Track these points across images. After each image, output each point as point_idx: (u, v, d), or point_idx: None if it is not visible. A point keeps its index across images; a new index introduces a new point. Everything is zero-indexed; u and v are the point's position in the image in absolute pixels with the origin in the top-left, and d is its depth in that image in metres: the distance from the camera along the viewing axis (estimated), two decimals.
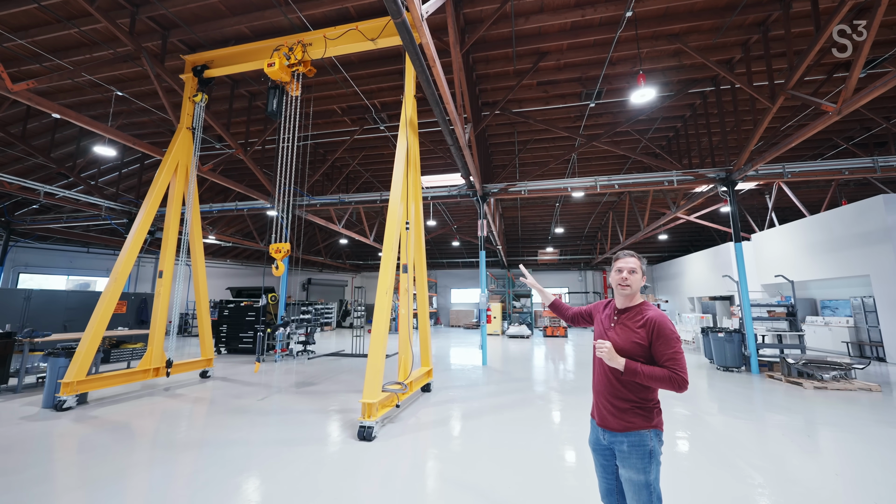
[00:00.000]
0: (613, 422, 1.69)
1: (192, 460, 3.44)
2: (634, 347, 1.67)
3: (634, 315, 1.74)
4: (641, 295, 1.83)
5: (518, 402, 5.52)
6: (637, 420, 1.66)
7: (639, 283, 1.78)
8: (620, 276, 1.79)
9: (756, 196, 15.37)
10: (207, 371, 6.98)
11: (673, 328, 1.64)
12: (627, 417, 1.66)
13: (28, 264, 14.60)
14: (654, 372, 1.59)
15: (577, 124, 10.19)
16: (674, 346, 1.61)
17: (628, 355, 1.67)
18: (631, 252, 1.82)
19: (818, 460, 3.52)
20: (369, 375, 4.04)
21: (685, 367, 1.59)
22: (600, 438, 1.76)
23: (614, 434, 1.69)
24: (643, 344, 1.66)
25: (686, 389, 1.58)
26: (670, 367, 1.58)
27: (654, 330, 1.64)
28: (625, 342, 1.69)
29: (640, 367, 1.61)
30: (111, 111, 9.00)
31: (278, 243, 5.71)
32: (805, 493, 2.90)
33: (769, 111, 6.76)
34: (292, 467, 3.28)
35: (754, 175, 8.39)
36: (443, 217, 18.84)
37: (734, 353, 7.77)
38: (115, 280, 5.46)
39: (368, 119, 9.83)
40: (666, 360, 1.60)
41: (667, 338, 1.62)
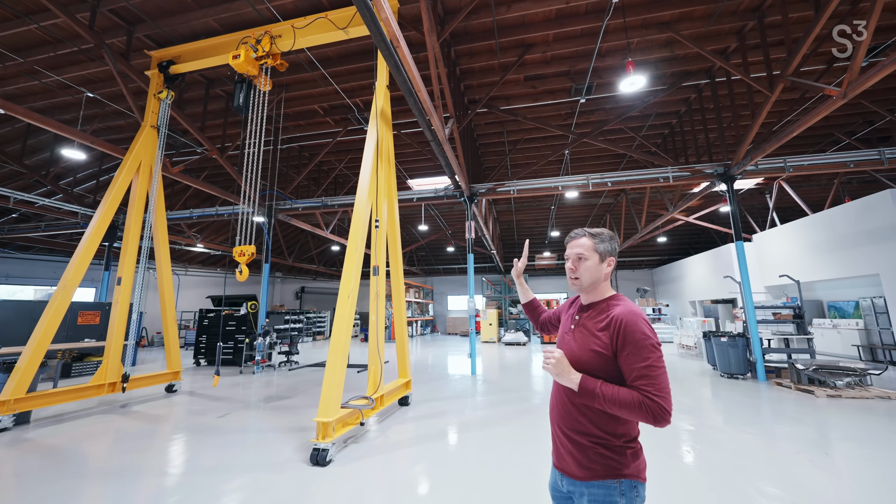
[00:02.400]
0: (572, 464, 1.21)
1: (105, 493, 2.97)
2: (593, 358, 1.18)
3: (598, 313, 1.27)
4: (612, 288, 1.36)
5: (506, 416, 5.03)
6: (600, 465, 1.16)
7: (594, 272, 1.29)
8: (568, 266, 1.34)
9: (756, 196, 14.97)
10: (174, 385, 6.52)
11: (648, 330, 1.15)
12: (588, 460, 1.17)
13: (9, 275, 14.20)
14: (618, 395, 1.10)
15: (568, 122, 9.83)
16: (647, 356, 1.10)
17: (586, 369, 1.19)
18: (583, 230, 1.35)
19: (838, 482, 3.04)
20: (326, 390, 3.58)
21: (666, 388, 1.08)
22: (559, 483, 1.28)
23: (573, 482, 1.21)
24: (605, 354, 1.17)
25: (667, 423, 1.07)
26: (642, 389, 1.08)
27: (619, 333, 1.15)
28: (581, 350, 1.22)
29: (601, 386, 1.13)
30: (81, 114, 8.66)
31: (242, 246, 5.30)
32: None
33: (768, 101, 6.38)
34: (219, 502, 2.81)
35: (754, 170, 7.98)
36: (436, 222, 18.46)
37: (739, 358, 7.27)
38: (64, 289, 5.04)
39: (352, 119, 9.49)
40: (636, 377, 1.10)
41: (637, 344, 1.12)
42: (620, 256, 22.29)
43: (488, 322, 16.72)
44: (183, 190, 13.42)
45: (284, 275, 24.76)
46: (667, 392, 1.08)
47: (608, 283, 1.34)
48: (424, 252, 24.21)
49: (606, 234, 1.34)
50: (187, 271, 19.13)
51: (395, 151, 11.10)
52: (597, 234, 1.33)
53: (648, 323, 1.17)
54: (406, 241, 21.62)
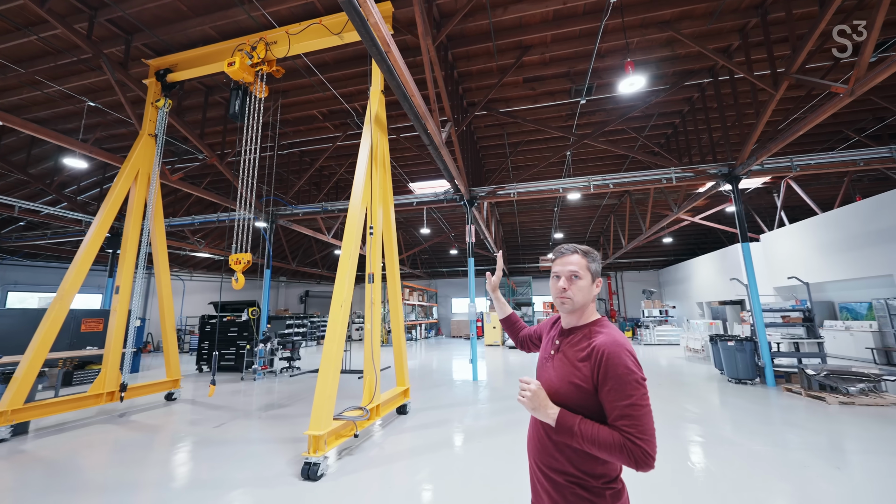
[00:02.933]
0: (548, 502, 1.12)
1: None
2: (572, 391, 1.09)
3: (580, 339, 1.16)
4: (597, 311, 1.26)
5: (508, 424, 4.92)
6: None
7: (587, 294, 1.19)
8: (558, 286, 1.22)
9: (763, 195, 14.70)
10: (173, 393, 6.50)
11: (632, 364, 1.04)
12: (564, 500, 1.07)
13: (17, 282, 14.39)
14: (598, 435, 1.00)
15: (569, 123, 9.72)
16: (630, 393, 1.00)
17: (564, 402, 1.09)
18: (573, 247, 1.25)
19: (852, 497, 2.89)
20: (318, 402, 3.51)
21: (650, 430, 0.98)
22: None
23: None
24: (585, 387, 1.07)
25: (650, 468, 0.96)
26: (624, 430, 0.98)
27: (600, 365, 1.05)
28: (560, 381, 1.12)
29: (580, 424, 1.03)
30: (83, 123, 8.74)
31: (238, 254, 5.26)
32: None
33: (772, 99, 6.22)
34: None
35: (760, 169, 7.81)
36: (439, 224, 18.39)
37: (746, 363, 7.09)
38: (62, 297, 5.04)
39: (350, 124, 9.47)
40: (618, 416, 1.00)
41: (619, 379, 1.02)
42: (626, 258, 22.04)
43: (492, 325, 16.59)
44: (186, 197, 13.50)
45: (288, 279, 24.85)
46: (650, 434, 0.98)
47: (594, 307, 1.24)
48: (428, 255, 24.15)
49: (595, 253, 1.25)
50: (192, 276, 19.26)
51: (395, 156, 11.06)
52: (587, 251, 1.24)
53: (633, 355, 1.07)
54: (409, 244, 21.57)
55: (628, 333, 18.23)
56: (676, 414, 5.26)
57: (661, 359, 11.13)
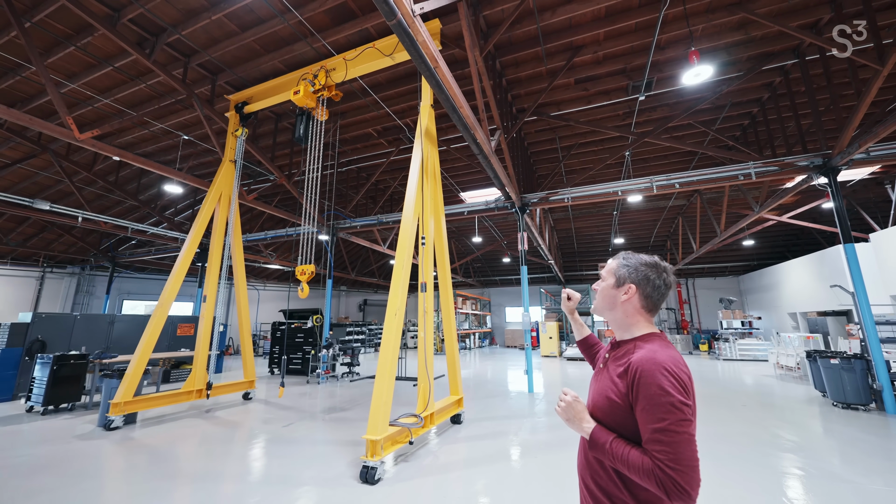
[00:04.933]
0: None
1: (180, 497, 3.29)
2: (608, 407, 1.04)
3: (623, 354, 1.09)
4: (651, 325, 1.13)
5: (565, 440, 4.69)
6: None
7: (606, 298, 1.14)
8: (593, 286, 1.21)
9: (872, 187, 12.60)
10: (249, 393, 7.14)
11: (669, 385, 0.92)
12: None
13: (130, 292, 16.90)
14: (628, 456, 0.93)
15: (626, 122, 9.19)
16: (663, 417, 0.90)
17: (602, 417, 1.05)
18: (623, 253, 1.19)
19: None
20: (374, 408, 3.64)
21: (685, 459, 0.87)
22: None
23: None
24: (620, 404, 1.00)
25: (684, 502, 0.86)
26: (655, 456, 0.89)
27: (634, 383, 0.98)
28: (599, 395, 1.08)
29: (612, 442, 0.97)
30: (179, 155, 10.12)
31: (303, 265, 5.69)
32: None
33: (878, 75, 5.35)
34: None
35: (864, 158, 6.71)
36: (491, 233, 18.29)
37: (857, 385, 6.03)
38: (162, 305, 5.82)
39: (403, 139, 9.86)
40: (649, 440, 0.92)
41: (651, 400, 0.92)
42: (698, 263, 20.03)
43: (548, 335, 15.99)
44: (259, 214, 14.96)
45: (349, 288, 26.25)
46: (686, 465, 0.87)
47: (641, 319, 1.13)
48: (480, 263, 24.08)
49: (636, 260, 1.15)
50: (265, 286, 21.16)
51: (446, 166, 11.27)
52: (628, 255, 1.18)
53: (673, 374, 0.95)
54: (461, 253, 21.71)
55: (703, 347, 16.48)
56: (767, 440, 4.62)
57: (745, 376, 9.89)
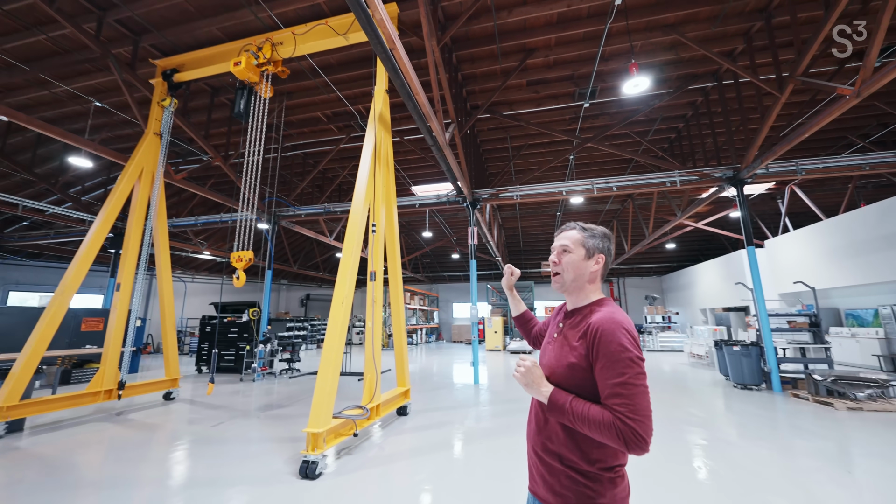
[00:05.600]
0: (543, 488, 1.07)
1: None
2: (568, 371, 1.06)
3: (580, 320, 1.13)
4: (601, 292, 1.22)
5: (509, 427, 4.84)
6: (572, 492, 1.01)
7: (578, 268, 1.16)
8: (551, 259, 1.21)
9: (768, 201, 14.65)
10: (172, 392, 6.44)
11: (627, 341, 0.99)
12: (560, 485, 1.03)
13: (19, 282, 14.41)
14: (588, 413, 0.96)
15: (572, 127, 9.73)
16: (622, 371, 0.96)
17: (560, 382, 1.07)
18: (575, 223, 1.23)
19: (857, 500, 2.81)
20: (317, 399, 3.46)
21: (643, 410, 0.93)
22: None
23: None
24: (581, 366, 1.03)
25: (644, 451, 0.92)
26: (615, 409, 0.94)
27: (594, 342, 1.01)
28: (558, 362, 1.10)
29: (571, 401, 1.00)
30: (89, 124, 8.80)
31: (240, 251, 5.24)
32: None
33: (777, 102, 6.21)
34: None
35: (765, 173, 7.77)
36: (441, 228, 18.38)
37: (752, 368, 6.99)
38: (62, 294, 5.02)
39: (354, 126, 9.51)
40: (609, 395, 0.96)
41: (611, 357, 0.97)
42: (628, 263, 21.93)
43: (493, 330, 16.49)
44: (189, 198, 13.56)
45: (290, 282, 24.83)
46: (643, 415, 0.93)
47: (596, 286, 1.20)
48: (429, 259, 24.11)
49: (600, 230, 1.22)
50: (194, 278, 19.26)
51: (398, 158, 11.09)
52: (588, 227, 1.21)
53: (630, 333, 1.02)
54: (411, 247, 21.56)
55: None
56: (681, 418, 5.17)
57: (664, 365, 11.00)
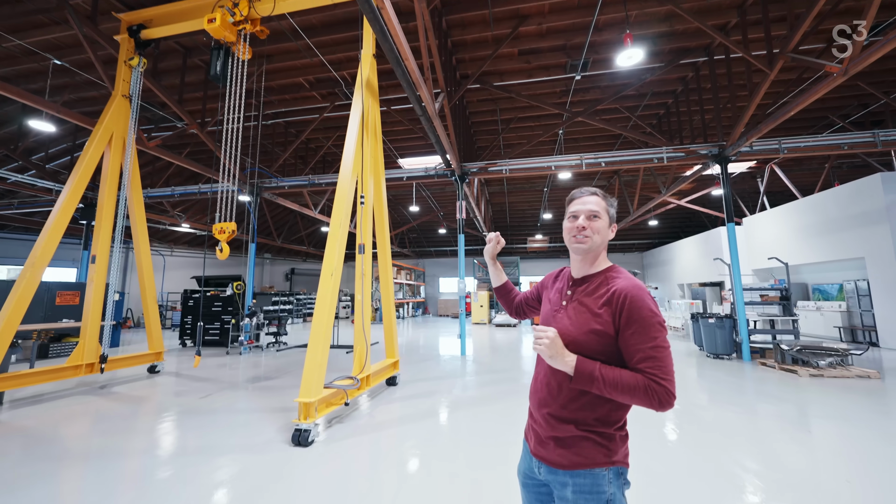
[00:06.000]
0: (554, 452, 1.09)
1: (83, 475, 2.87)
2: (592, 339, 1.07)
3: (596, 287, 1.13)
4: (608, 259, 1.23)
5: (495, 395, 5.01)
6: (590, 452, 1.06)
7: (604, 237, 1.16)
8: (575, 225, 1.17)
9: (748, 180, 14.98)
10: (156, 366, 6.38)
11: (654, 306, 1.04)
12: (576, 448, 1.07)
13: None
14: (621, 379, 0.99)
15: (562, 100, 9.58)
16: (654, 335, 1.00)
17: (582, 350, 1.07)
18: (591, 188, 1.21)
19: (815, 457, 3.06)
20: (308, 370, 3.48)
21: (672, 370, 1.00)
22: (534, 470, 1.18)
23: (553, 471, 1.10)
24: (606, 332, 1.05)
25: (671, 406, 0.98)
26: (648, 372, 0.98)
27: (622, 309, 1.04)
28: (578, 330, 1.09)
29: (601, 369, 1.01)
30: (49, 83, 8.14)
31: (222, 223, 5.07)
32: (797, 493, 2.43)
33: (766, 79, 6.22)
34: (191, 485, 2.73)
35: (749, 151, 7.90)
36: (428, 203, 18.21)
37: (725, 339, 7.36)
38: (33, 266, 4.79)
39: (339, 94, 9.11)
40: (641, 359, 1.00)
41: (644, 322, 1.01)
42: (612, 239, 22.36)
43: (479, 304, 16.76)
44: (165, 167, 12.94)
45: (274, 256, 24.42)
46: (672, 374, 1.00)
47: (605, 254, 1.22)
48: (416, 234, 24.01)
49: (613, 199, 1.23)
50: (173, 252, 18.71)
51: (385, 129, 10.76)
52: (606, 195, 1.21)
53: (654, 299, 1.07)
54: (397, 222, 21.37)
55: None
56: None
57: None
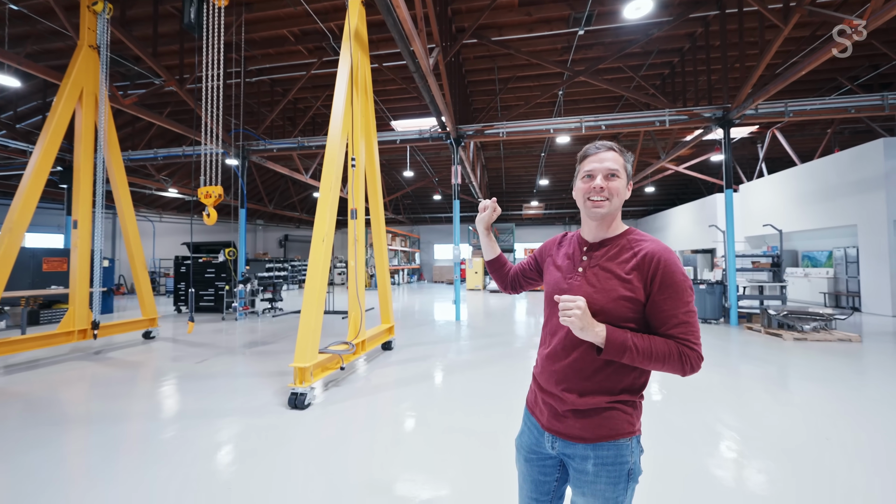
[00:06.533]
0: (576, 427, 1.01)
1: (76, 439, 2.89)
2: (622, 307, 0.98)
3: (619, 251, 1.03)
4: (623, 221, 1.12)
5: (489, 359, 5.11)
6: (616, 423, 0.99)
7: (623, 198, 1.05)
8: (591, 186, 1.04)
9: (748, 146, 14.71)
10: (151, 332, 6.38)
11: (684, 270, 0.99)
12: (600, 419, 1.00)
13: None
14: (654, 346, 0.93)
15: (563, 58, 9.09)
16: (688, 300, 0.97)
17: (610, 319, 0.98)
18: (608, 143, 1.06)
19: (791, 415, 3.19)
20: (302, 335, 3.47)
21: (699, 332, 0.97)
22: (544, 445, 1.08)
23: (572, 445, 1.02)
24: (636, 298, 0.98)
25: (699, 370, 0.96)
26: (680, 338, 0.94)
27: (655, 274, 0.96)
28: (604, 298, 0.99)
29: (633, 338, 0.94)
30: (7, 33, 7.48)
31: (208, 187, 4.87)
32: (766, 445, 2.54)
33: (780, 34, 5.88)
34: (192, 445, 2.76)
35: (753, 114, 7.65)
36: (422, 168, 17.77)
37: (714, 304, 7.51)
38: (10, 232, 4.61)
39: (327, 49, 8.53)
40: (675, 324, 0.95)
41: (677, 287, 0.96)
42: None
43: (474, 270, 16.86)
44: (145, 128, 12.32)
45: (266, 222, 24.06)
46: (700, 337, 0.97)
47: (620, 215, 1.11)
48: (410, 200, 23.66)
49: (629, 153, 1.10)
50: (162, 218, 18.31)
51: (377, 88, 10.22)
52: (622, 149, 1.07)
53: (680, 261, 1.01)
54: (392, 188, 20.95)
55: None
56: None
57: None
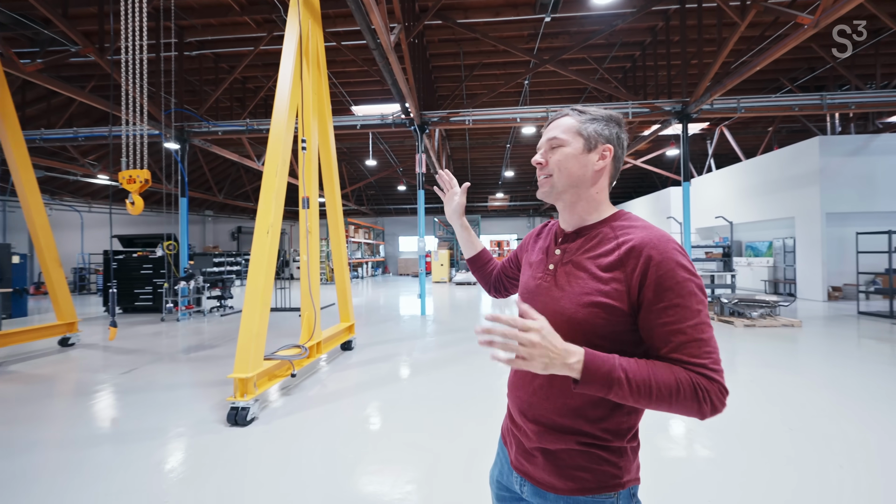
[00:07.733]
0: (545, 471, 0.75)
1: None
2: (593, 316, 0.69)
3: (599, 242, 0.75)
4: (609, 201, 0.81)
5: (455, 356, 4.87)
6: (595, 474, 0.71)
7: (575, 167, 0.76)
8: (535, 160, 0.81)
9: (698, 142, 15.48)
10: (70, 338, 5.53)
11: (689, 264, 0.67)
12: (575, 467, 0.72)
13: None
14: (655, 377, 0.61)
15: (530, 45, 8.92)
16: (697, 308, 0.65)
17: (579, 334, 0.70)
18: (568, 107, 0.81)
19: (738, 396, 3.23)
20: (243, 341, 3.02)
21: (719, 357, 0.65)
22: (513, 485, 0.84)
23: (542, 493, 0.76)
24: (616, 307, 0.68)
25: (723, 409, 0.62)
26: (691, 363, 0.63)
27: (646, 275, 0.66)
28: (576, 305, 0.72)
29: (622, 366, 0.62)
30: None
31: (130, 170, 4.20)
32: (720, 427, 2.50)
33: (737, 30, 6.02)
34: (95, 479, 2.29)
35: (709, 109, 7.90)
36: (386, 157, 17.15)
37: None
38: None
39: (278, 22, 7.76)
40: (681, 344, 0.64)
41: (679, 290, 0.65)
42: None
43: (440, 263, 16.62)
44: (65, 104, 10.79)
45: (217, 213, 22.32)
46: (720, 362, 0.65)
47: (605, 193, 0.80)
48: (374, 191, 22.91)
49: (605, 112, 0.79)
50: (91, 208, 16.36)
51: (336, 70, 9.55)
52: (585, 110, 0.79)
53: (685, 252, 0.69)
54: (354, 177, 20.12)
55: None
56: None
57: None
